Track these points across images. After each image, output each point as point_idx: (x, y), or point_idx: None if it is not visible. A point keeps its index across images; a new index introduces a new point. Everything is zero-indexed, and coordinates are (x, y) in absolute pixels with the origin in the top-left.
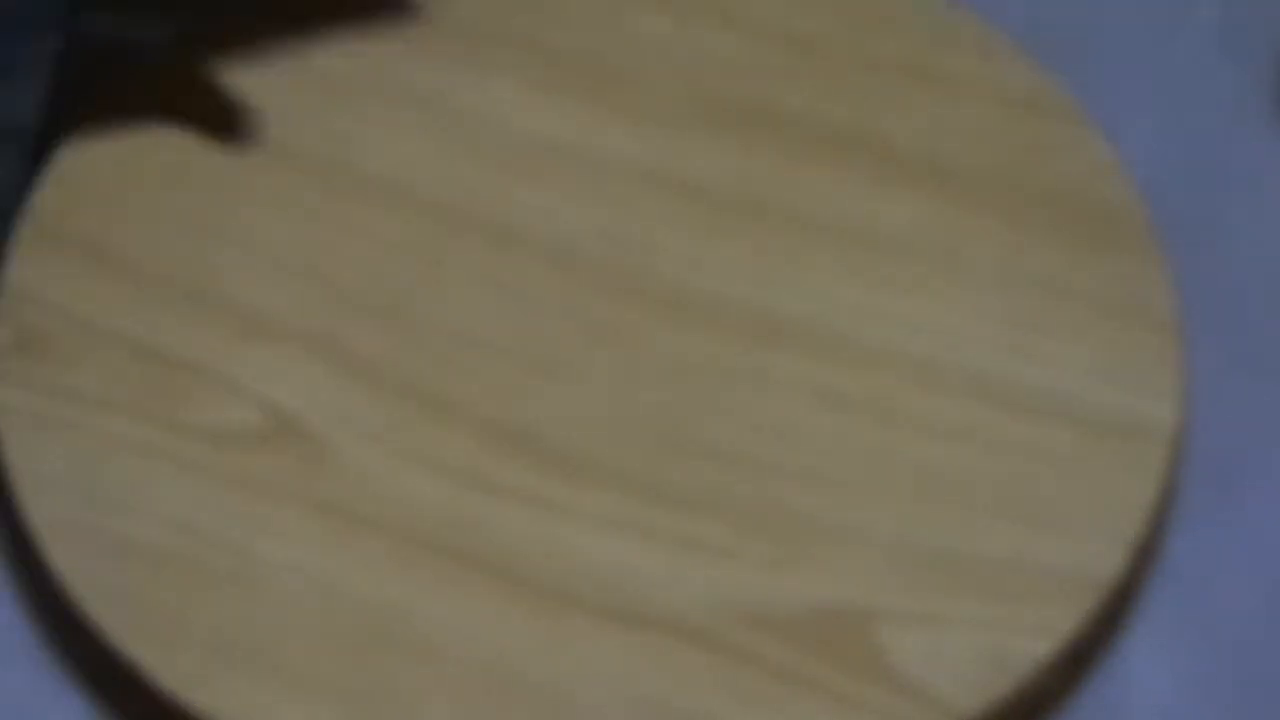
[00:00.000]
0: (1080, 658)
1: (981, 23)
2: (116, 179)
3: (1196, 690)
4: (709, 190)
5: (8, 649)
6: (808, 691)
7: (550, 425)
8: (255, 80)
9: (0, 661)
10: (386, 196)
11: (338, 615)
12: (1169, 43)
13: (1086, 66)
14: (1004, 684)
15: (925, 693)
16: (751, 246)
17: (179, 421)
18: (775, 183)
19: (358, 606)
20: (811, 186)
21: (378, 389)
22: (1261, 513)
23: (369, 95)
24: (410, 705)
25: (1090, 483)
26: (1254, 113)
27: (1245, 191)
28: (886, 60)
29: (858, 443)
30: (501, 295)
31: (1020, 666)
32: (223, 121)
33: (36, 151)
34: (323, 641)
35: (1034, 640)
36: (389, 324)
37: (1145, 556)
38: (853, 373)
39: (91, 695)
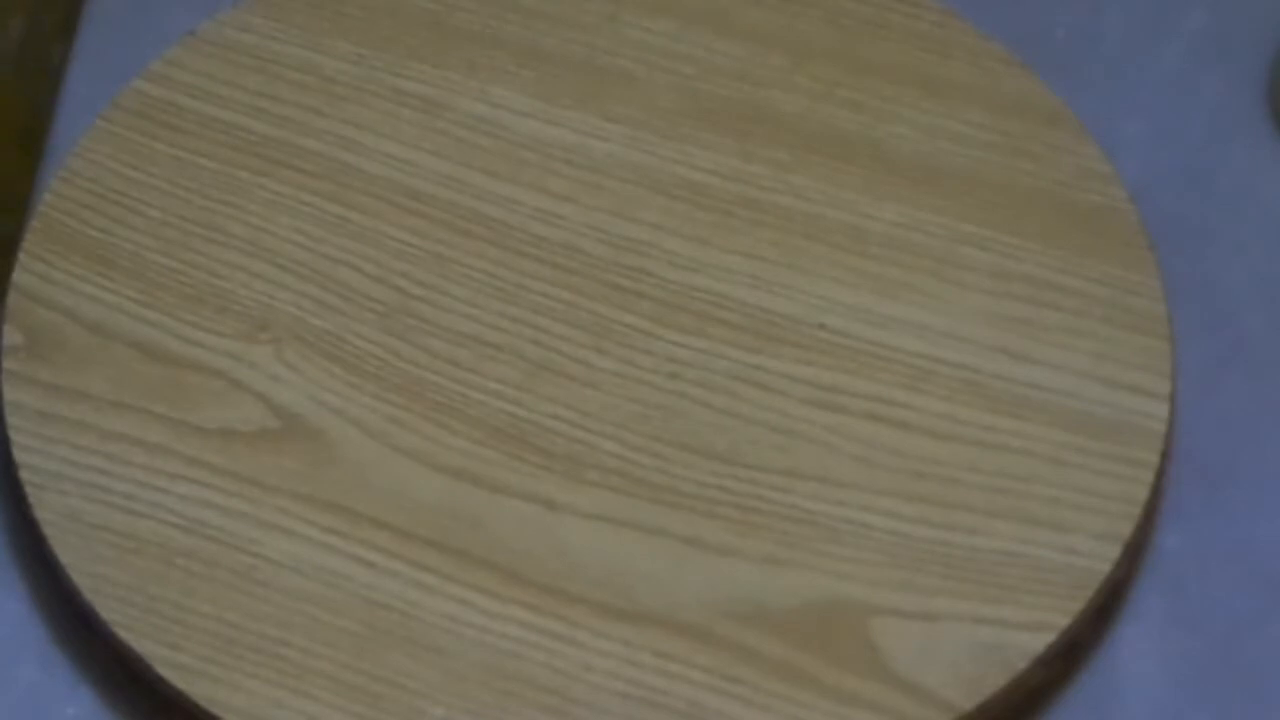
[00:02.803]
0: (1073, 652)
1: (974, 28)
2: (123, 182)
3: (1186, 682)
4: (707, 192)
5: (18, 644)
6: (804, 687)
7: (550, 424)
8: (259, 83)
9: (11, 656)
10: (388, 198)
11: (341, 610)
12: (1159, 48)
13: (1077, 72)
14: (998, 679)
15: (920, 688)
16: (749, 248)
17: (185, 420)
18: (771, 185)
19: (361, 602)
20: (807, 189)
21: (381, 388)
22: (1249, 509)
23: (372, 99)
24: (411, 699)
25: (1082, 480)
26: (1243, 117)
27: (1234, 194)
28: (881, 65)
29: (853, 441)
30: (502, 295)
31: (1014, 661)
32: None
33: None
34: (326, 636)
35: (1028, 635)
36: (392, 324)
37: (1136, 552)
38: (848, 372)
39: (100, 689)
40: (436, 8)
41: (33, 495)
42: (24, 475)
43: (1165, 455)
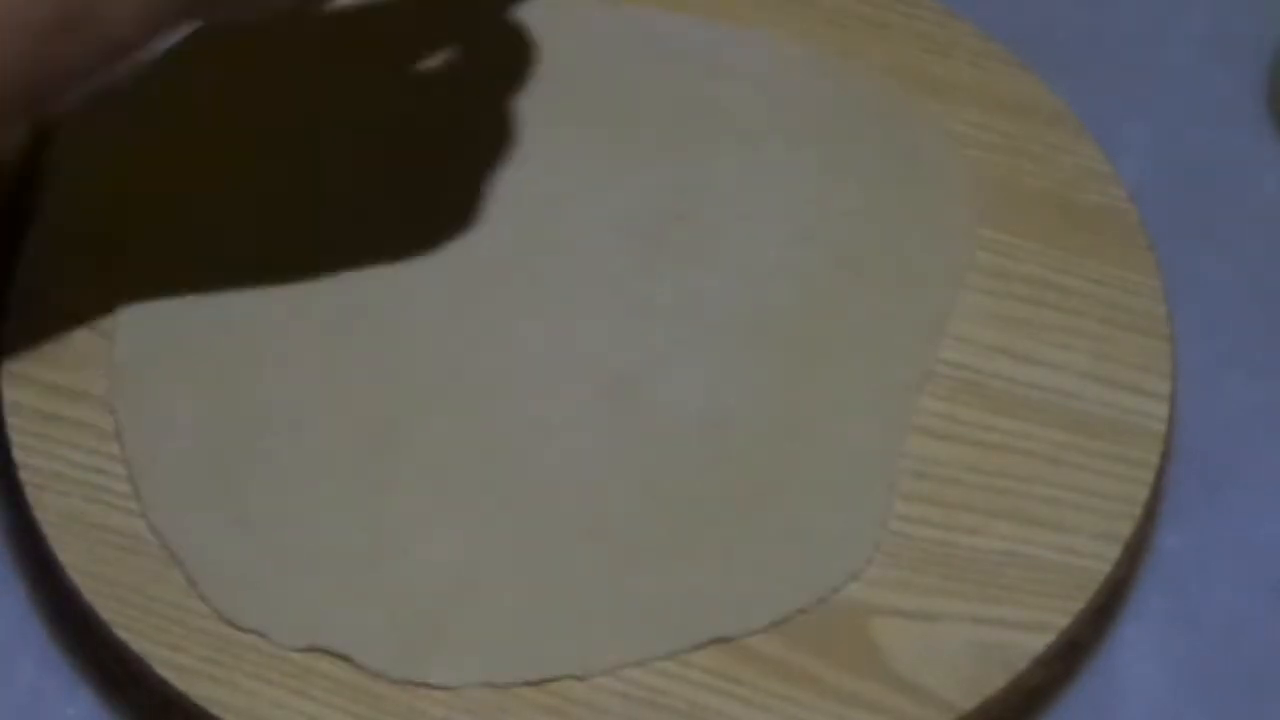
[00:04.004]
0: (1073, 652)
1: (974, 28)
2: (125, 181)
3: (1186, 682)
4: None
5: (17, 644)
6: (804, 687)
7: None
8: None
9: (10, 656)
10: None
11: None
12: (1161, 48)
13: (1078, 72)
14: (998, 679)
15: (920, 688)
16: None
17: None
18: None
19: None
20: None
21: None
22: (1249, 509)
23: None
24: (411, 699)
25: (1082, 480)
26: (1244, 116)
27: (1235, 194)
28: (880, 66)
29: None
30: None
31: (1014, 661)
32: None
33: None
34: None
35: (1028, 635)
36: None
37: (1136, 552)
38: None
39: (99, 690)
40: None
41: (32, 495)
42: (23, 475)
43: (1165, 455)
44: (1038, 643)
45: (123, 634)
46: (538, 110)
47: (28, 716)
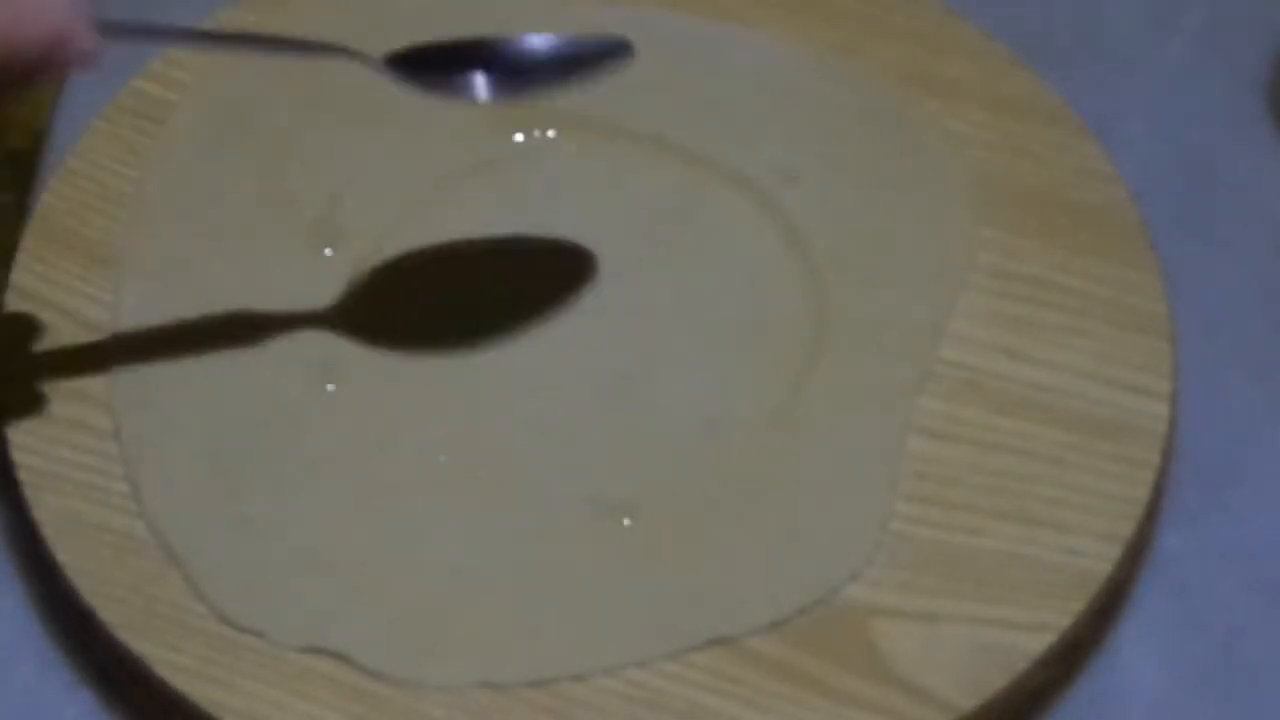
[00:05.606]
0: (1074, 652)
1: (974, 27)
2: (123, 182)
3: (1187, 682)
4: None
5: (16, 645)
6: (804, 687)
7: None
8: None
9: (9, 657)
10: None
11: None
12: (1160, 47)
13: (1078, 71)
14: (999, 679)
15: (921, 689)
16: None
17: None
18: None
19: None
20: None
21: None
22: (1250, 509)
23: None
24: (411, 700)
25: (1083, 480)
26: (1244, 114)
27: (1235, 193)
28: (880, 66)
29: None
30: None
31: (1015, 662)
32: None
33: None
34: None
35: (1029, 636)
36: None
37: (1137, 552)
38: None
39: (99, 690)
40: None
41: (31, 495)
42: (22, 475)
43: (1166, 455)
44: (1038, 643)
45: (122, 634)
46: (537, 109)
47: (26, 717)
